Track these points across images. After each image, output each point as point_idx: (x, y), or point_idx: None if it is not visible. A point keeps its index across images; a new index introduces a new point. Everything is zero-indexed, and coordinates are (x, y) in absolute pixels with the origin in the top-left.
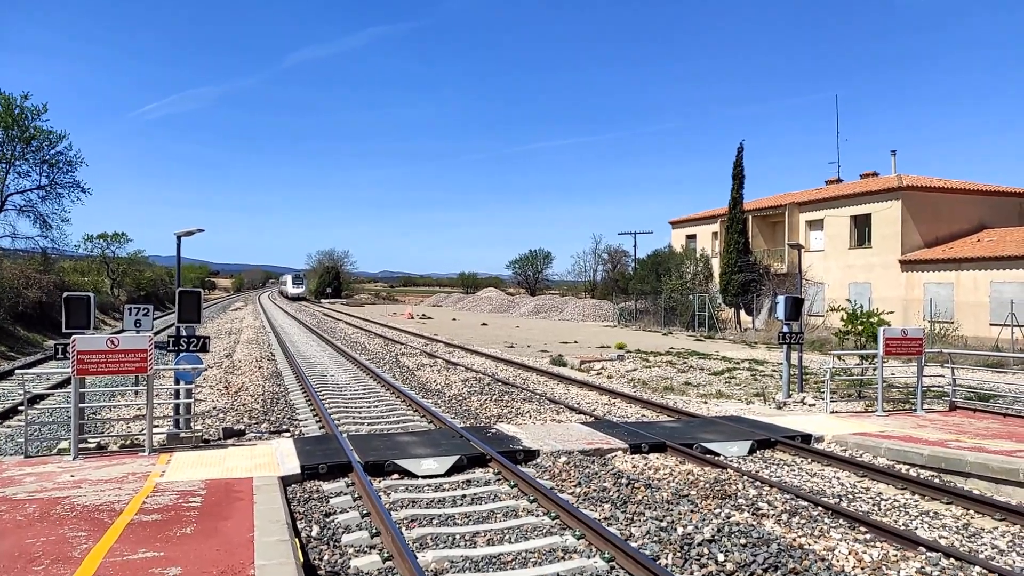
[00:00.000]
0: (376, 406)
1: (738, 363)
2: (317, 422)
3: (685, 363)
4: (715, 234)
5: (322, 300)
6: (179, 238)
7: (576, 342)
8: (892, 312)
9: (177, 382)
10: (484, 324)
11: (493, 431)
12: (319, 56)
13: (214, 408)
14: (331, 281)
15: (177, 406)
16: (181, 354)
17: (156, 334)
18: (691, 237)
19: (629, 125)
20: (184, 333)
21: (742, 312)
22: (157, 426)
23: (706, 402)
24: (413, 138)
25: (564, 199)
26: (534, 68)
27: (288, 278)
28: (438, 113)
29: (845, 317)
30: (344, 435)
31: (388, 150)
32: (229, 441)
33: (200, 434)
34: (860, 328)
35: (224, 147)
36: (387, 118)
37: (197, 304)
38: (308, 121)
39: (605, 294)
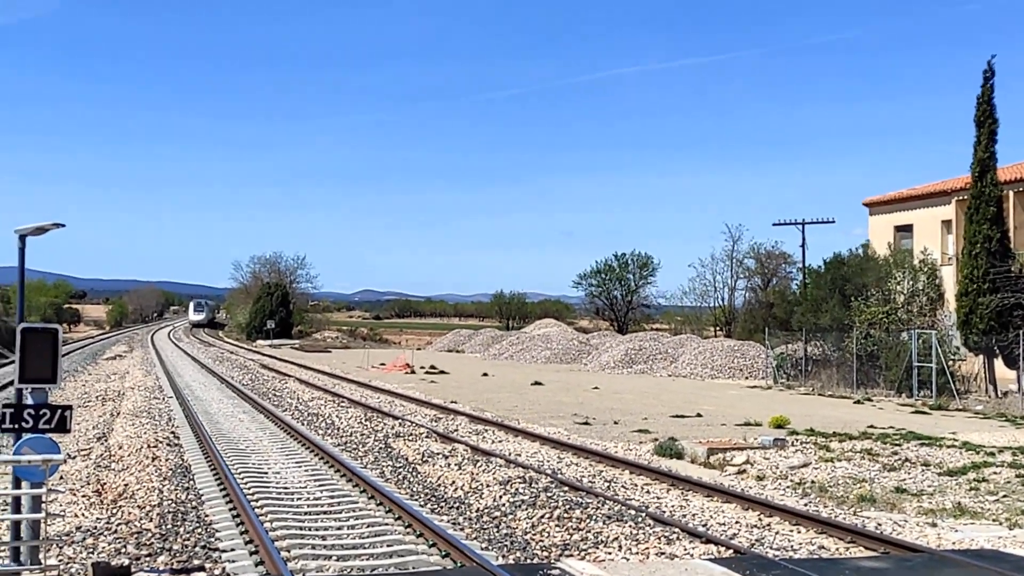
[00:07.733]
0: (352, 526)
1: (992, 453)
2: (252, 552)
3: (896, 454)
4: (947, 223)
5: (259, 340)
6: (22, 239)
7: (700, 415)
8: None
9: (17, 484)
10: (537, 383)
11: (556, 573)
12: None
13: (79, 528)
14: (275, 309)
15: (17, 526)
16: (25, 436)
17: None
18: (903, 229)
19: (774, 33)
20: (30, 400)
21: (998, 362)
22: None
23: (935, 523)
24: (401, 61)
25: (668, 164)
26: None
27: (192, 304)
28: (441, 19)
29: None
30: None
31: (364, 85)
32: None
33: (55, 575)
34: None
35: (85, 77)
36: (359, 31)
37: (53, 350)
38: (224, 36)
39: (750, 330)
